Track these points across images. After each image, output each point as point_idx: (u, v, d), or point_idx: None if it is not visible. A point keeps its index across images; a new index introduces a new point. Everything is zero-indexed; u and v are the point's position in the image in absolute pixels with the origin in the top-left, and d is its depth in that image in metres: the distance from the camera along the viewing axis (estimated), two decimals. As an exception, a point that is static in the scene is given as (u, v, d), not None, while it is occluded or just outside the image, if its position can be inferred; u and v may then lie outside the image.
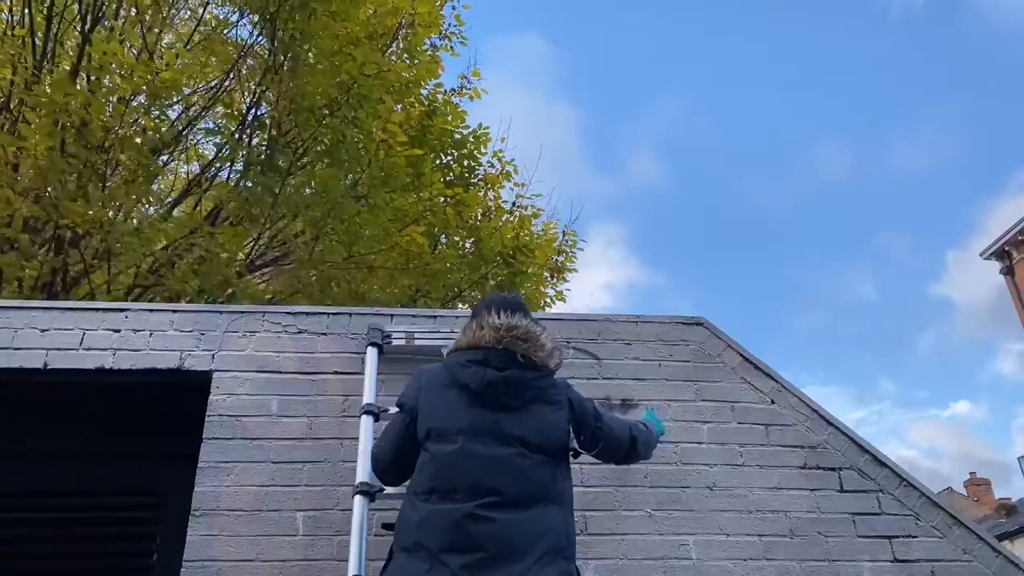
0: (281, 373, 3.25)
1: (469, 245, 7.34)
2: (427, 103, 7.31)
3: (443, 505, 2.32)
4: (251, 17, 6.15)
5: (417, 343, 3.30)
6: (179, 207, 6.91)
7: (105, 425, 3.33)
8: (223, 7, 6.64)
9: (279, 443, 3.10)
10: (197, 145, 6.67)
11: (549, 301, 8.16)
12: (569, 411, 2.59)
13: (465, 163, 7.62)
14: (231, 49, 6.39)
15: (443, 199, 6.77)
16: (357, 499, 2.78)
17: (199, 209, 6.64)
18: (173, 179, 7.93)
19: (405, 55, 7.15)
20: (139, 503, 3.27)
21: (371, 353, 3.23)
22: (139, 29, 5.94)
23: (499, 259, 6.90)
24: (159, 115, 5.82)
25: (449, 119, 7.34)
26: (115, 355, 3.21)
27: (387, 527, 2.52)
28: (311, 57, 6.05)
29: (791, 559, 3.05)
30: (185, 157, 6.64)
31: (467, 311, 3.68)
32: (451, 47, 7.62)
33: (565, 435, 2.54)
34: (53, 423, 3.32)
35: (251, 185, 5.85)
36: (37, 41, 5.72)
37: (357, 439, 3.03)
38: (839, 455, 3.32)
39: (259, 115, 6.29)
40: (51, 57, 5.84)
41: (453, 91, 7.77)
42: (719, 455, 3.26)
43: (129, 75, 5.31)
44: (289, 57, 5.82)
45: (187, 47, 6.49)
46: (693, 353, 3.48)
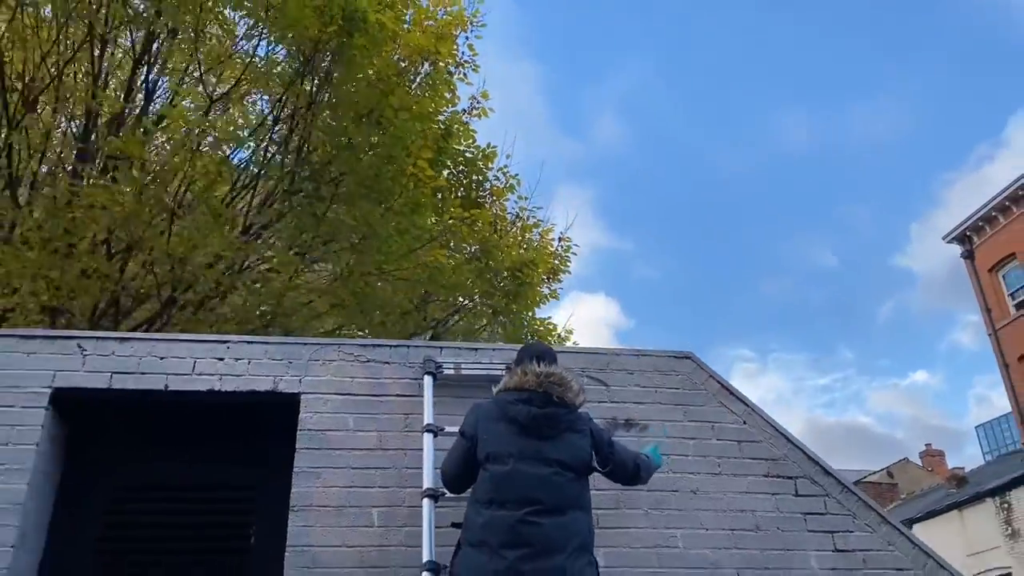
0: (354, 395, 4.05)
1: (476, 251, 8.13)
2: (443, 127, 8.04)
3: (500, 512, 3.14)
4: (295, 54, 6.81)
5: (464, 372, 4.11)
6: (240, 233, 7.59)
7: (212, 434, 4.12)
8: (275, 45, 7.25)
9: (356, 452, 3.92)
10: (255, 184, 7.31)
11: (546, 297, 8.99)
12: (591, 438, 3.42)
13: (474, 178, 8.39)
14: (277, 83, 7.06)
15: (460, 220, 7.58)
16: (426, 501, 3.60)
17: (252, 233, 7.35)
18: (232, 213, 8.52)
19: (428, 90, 7.85)
20: (238, 497, 4.08)
21: (427, 380, 4.04)
22: (201, 88, 6.61)
23: (507, 273, 7.75)
24: (222, 162, 6.54)
25: (462, 141, 8.09)
26: (221, 379, 4.00)
27: (456, 525, 3.34)
28: (349, 94, 6.75)
29: (755, 549, 3.92)
30: (249, 197, 7.32)
31: (499, 345, 4.50)
32: (464, 75, 8.34)
33: (589, 457, 3.37)
34: (171, 433, 4.11)
35: (299, 209, 6.59)
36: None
37: (418, 450, 3.85)
38: (795, 466, 4.19)
39: (306, 150, 7.00)
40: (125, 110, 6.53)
41: (464, 111, 8.49)
42: (701, 465, 4.11)
43: (195, 130, 6.02)
44: (328, 93, 6.52)
45: (236, 85, 7.17)
46: (681, 382, 4.32)
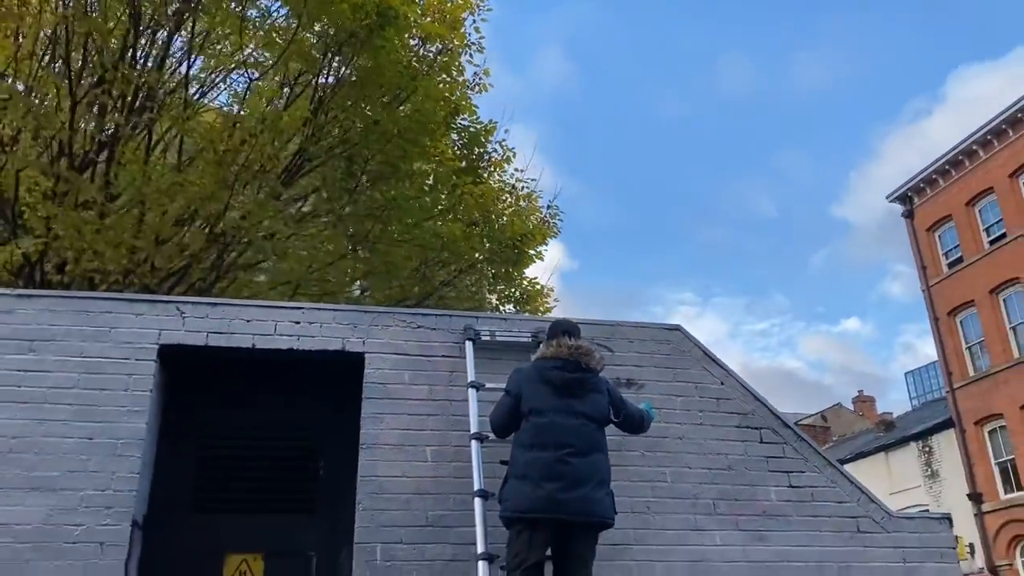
0: (408, 355, 4.92)
1: (480, 220, 8.95)
2: (453, 104, 8.73)
3: (541, 453, 4.07)
4: (329, 40, 7.38)
5: (498, 339, 5.00)
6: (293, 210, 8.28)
7: (288, 386, 4.96)
8: (308, 29, 7.77)
9: (410, 402, 4.80)
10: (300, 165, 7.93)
11: (533, 256, 9.85)
12: (608, 396, 4.36)
13: (476, 150, 9.15)
14: (315, 61, 7.63)
15: (469, 194, 8.38)
16: (474, 442, 4.52)
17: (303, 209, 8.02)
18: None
19: (443, 73, 8.52)
20: (308, 437, 4.95)
21: (468, 345, 4.92)
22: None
23: (509, 242, 8.63)
24: (280, 149, 7.18)
25: (467, 116, 8.82)
26: (299, 339, 4.83)
27: (503, 463, 4.26)
28: (375, 78, 7.42)
29: (728, 484, 4.93)
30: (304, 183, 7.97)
31: (525, 316, 5.38)
32: (471, 56, 9.00)
33: (608, 411, 4.31)
34: (254, 384, 4.93)
35: (333, 185, 7.31)
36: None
37: (461, 401, 4.76)
38: (761, 419, 5.19)
39: (339, 132, 7.67)
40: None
41: (468, 86, 9.17)
42: (686, 417, 5.09)
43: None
44: (353, 77, 7.18)
45: (274, 66, 7.74)
46: (672, 349, 5.27)
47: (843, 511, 5.06)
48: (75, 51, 6.75)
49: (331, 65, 7.43)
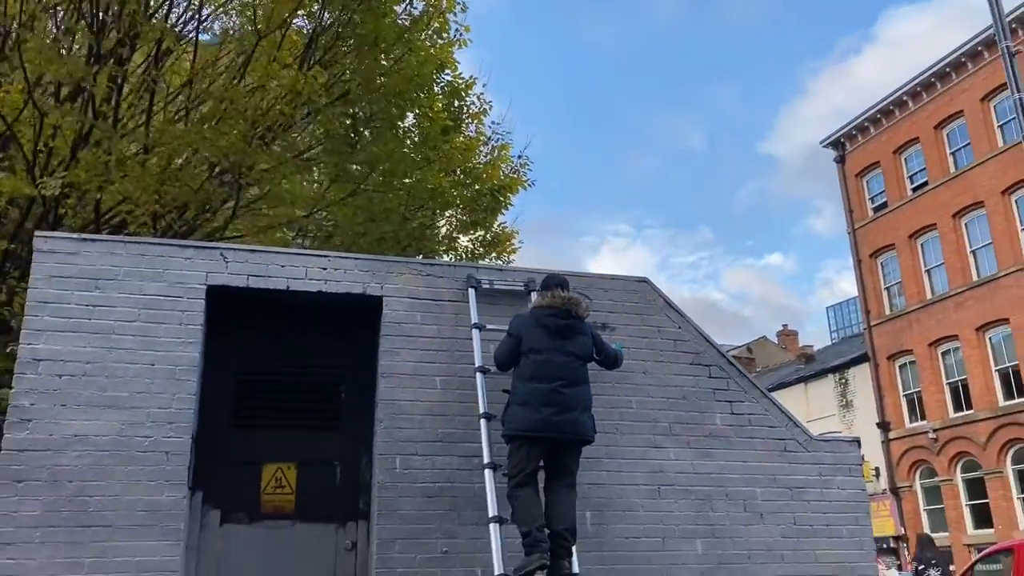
0: (420, 299, 5.75)
1: (461, 172, 9.69)
2: (439, 61, 9.31)
3: (539, 384, 5.00)
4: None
5: (496, 287, 5.88)
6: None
7: (316, 322, 5.77)
8: None
9: (423, 339, 5.66)
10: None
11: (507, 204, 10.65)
12: (592, 339, 5.30)
13: (456, 103, 9.80)
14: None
15: (454, 147, 9.07)
16: (478, 374, 5.42)
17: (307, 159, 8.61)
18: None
19: (435, 36, 9.07)
20: (333, 365, 5.78)
21: (471, 292, 5.78)
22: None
23: (488, 193, 9.41)
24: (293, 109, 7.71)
25: (449, 72, 9.43)
26: (326, 283, 5.62)
27: (506, 391, 5.18)
28: (371, 39, 7.98)
29: (682, 411, 5.97)
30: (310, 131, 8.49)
31: (518, 267, 6.24)
32: (455, 13, 9.52)
33: (591, 351, 5.25)
34: (287, 321, 5.72)
35: (338, 139, 7.94)
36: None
37: (466, 339, 5.63)
38: (710, 358, 6.22)
39: (345, 95, 8.24)
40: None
41: (451, 42, 9.73)
42: (650, 355, 6.08)
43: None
44: (350, 36, 7.74)
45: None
46: (639, 298, 6.22)
47: (774, 434, 6.16)
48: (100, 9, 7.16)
49: (329, 21, 7.99)
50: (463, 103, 9.96)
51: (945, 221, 28.25)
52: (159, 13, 7.72)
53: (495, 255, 10.99)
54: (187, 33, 7.87)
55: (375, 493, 5.37)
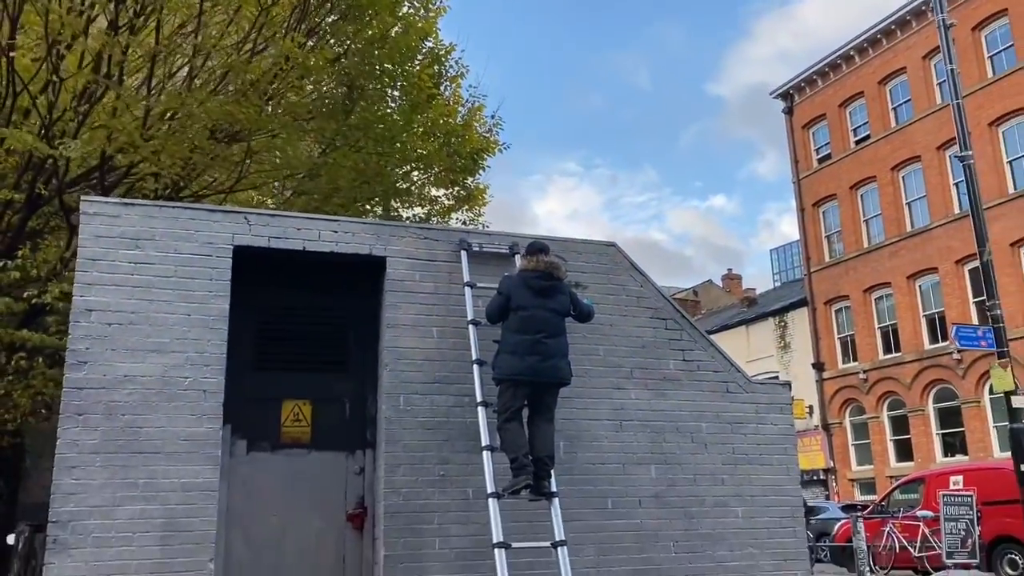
0: (418, 259, 6.59)
1: (444, 136, 10.42)
2: (423, 31, 9.93)
3: (525, 336, 5.91)
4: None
5: (484, 250, 6.73)
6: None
7: (328, 279, 6.57)
8: None
9: (421, 294, 6.51)
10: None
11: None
12: (569, 297, 6.22)
13: (436, 68, 10.44)
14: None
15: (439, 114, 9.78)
16: (471, 327, 6.31)
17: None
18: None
19: (422, 9, 9.64)
20: (342, 316, 6.61)
21: (463, 254, 6.63)
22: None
23: (468, 155, 10.18)
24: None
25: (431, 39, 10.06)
26: (337, 244, 6.42)
27: (496, 341, 6.09)
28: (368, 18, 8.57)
29: (641, 357, 6.95)
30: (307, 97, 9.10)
31: (505, 231, 7.11)
32: (442, -16, 10.11)
33: (569, 307, 6.18)
34: (302, 277, 6.51)
35: (333, 106, 8.57)
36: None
37: (459, 295, 6.50)
38: (667, 312, 7.20)
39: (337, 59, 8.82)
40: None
41: (434, 9, 10.33)
42: (615, 310, 7.03)
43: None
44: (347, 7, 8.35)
45: None
46: (608, 260, 7.14)
47: (718, 377, 7.21)
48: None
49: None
50: (443, 67, 10.64)
51: (884, 174, 29.70)
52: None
53: (467, 208, 11.84)
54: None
55: (382, 426, 6.28)
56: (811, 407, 32.22)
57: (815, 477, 31.85)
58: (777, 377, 32.54)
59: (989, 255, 13.42)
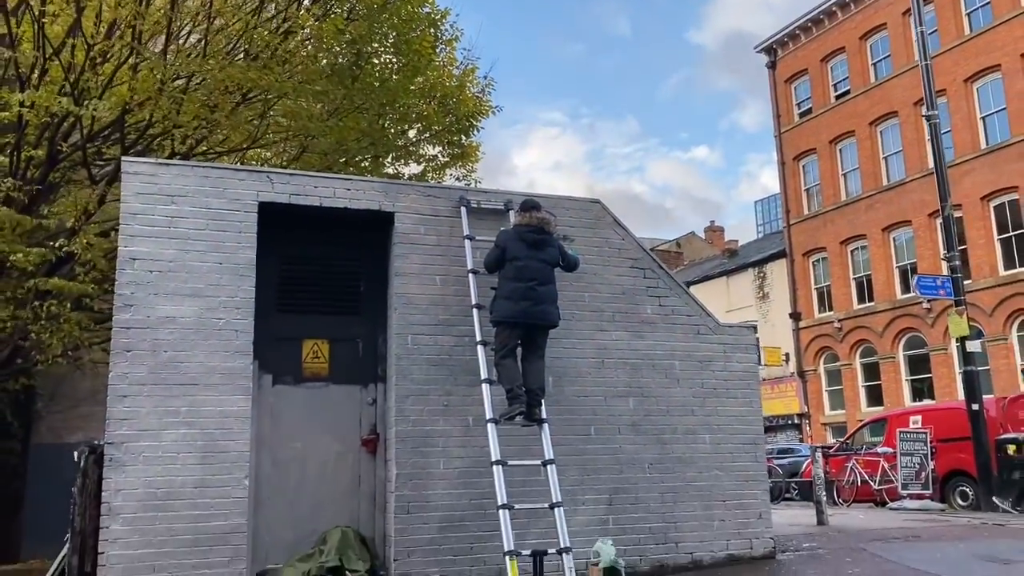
0: (423, 215, 7.33)
1: (439, 97, 11.07)
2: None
3: (518, 284, 6.70)
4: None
5: (483, 207, 7.49)
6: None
7: (342, 232, 7.31)
8: None
9: (426, 246, 7.28)
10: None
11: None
12: (558, 249, 7.01)
13: (431, 31, 11.02)
14: None
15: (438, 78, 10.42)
16: (470, 275, 7.10)
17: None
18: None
19: None
20: (354, 265, 7.38)
21: (463, 210, 7.38)
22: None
23: (464, 118, 10.85)
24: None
25: (428, 5, 10.66)
26: (350, 201, 7.15)
27: (493, 288, 6.88)
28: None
29: (621, 304, 7.78)
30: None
31: (500, 190, 7.85)
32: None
33: (558, 259, 6.97)
34: (323, 230, 7.25)
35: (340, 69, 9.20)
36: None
37: (459, 247, 7.27)
38: (646, 263, 8.01)
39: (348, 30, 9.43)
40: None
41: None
42: (598, 261, 7.83)
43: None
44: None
45: None
46: (593, 216, 7.92)
47: (690, 321, 8.06)
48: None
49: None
50: (439, 31, 11.22)
51: (863, 128, 30.44)
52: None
53: (460, 164, 12.56)
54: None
55: (392, 362, 7.09)
56: (787, 355, 33.37)
57: (790, 422, 33.17)
58: (755, 327, 33.71)
59: (950, 210, 14.29)
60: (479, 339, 6.93)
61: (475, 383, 6.90)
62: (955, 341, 24.71)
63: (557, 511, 6.33)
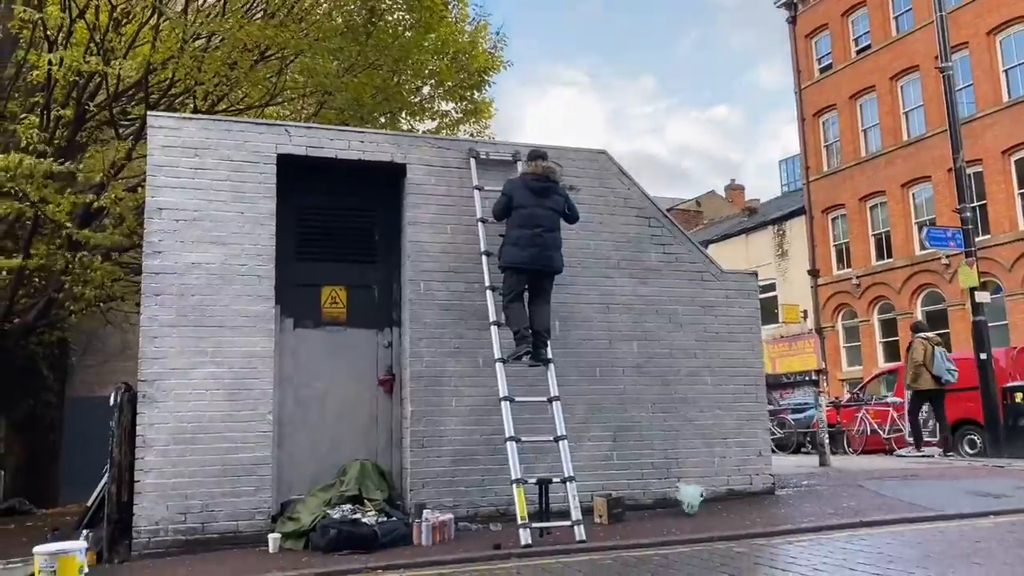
0: (433, 166, 7.64)
1: (453, 53, 11.32)
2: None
3: (525, 230, 7.02)
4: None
5: (491, 157, 7.79)
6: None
7: (357, 182, 7.64)
8: None
9: (436, 196, 7.60)
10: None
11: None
12: (563, 198, 7.30)
13: (448, -11, 11.29)
14: None
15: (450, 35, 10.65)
16: (479, 224, 7.42)
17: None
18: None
19: None
20: (369, 215, 7.72)
21: (472, 161, 7.68)
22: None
23: (476, 73, 11.11)
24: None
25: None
26: (364, 153, 7.47)
27: (501, 235, 7.20)
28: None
29: (627, 251, 8.07)
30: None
31: (508, 142, 8.13)
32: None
33: (563, 207, 7.26)
34: (339, 181, 7.58)
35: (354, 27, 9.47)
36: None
37: (468, 197, 7.59)
38: (650, 212, 8.28)
39: None
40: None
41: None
42: (604, 210, 8.11)
43: None
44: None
45: None
46: (599, 167, 8.19)
47: (694, 268, 8.35)
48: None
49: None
50: (453, -13, 11.47)
51: (883, 83, 30.15)
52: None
53: (474, 120, 12.82)
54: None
55: (406, 307, 7.46)
56: (806, 312, 33.45)
57: (807, 378, 33.38)
58: (774, 282, 33.77)
59: (963, 160, 14.36)
60: (488, 284, 7.27)
61: (484, 326, 7.25)
62: (967, 292, 24.92)
63: (562, 444, 6.70)
